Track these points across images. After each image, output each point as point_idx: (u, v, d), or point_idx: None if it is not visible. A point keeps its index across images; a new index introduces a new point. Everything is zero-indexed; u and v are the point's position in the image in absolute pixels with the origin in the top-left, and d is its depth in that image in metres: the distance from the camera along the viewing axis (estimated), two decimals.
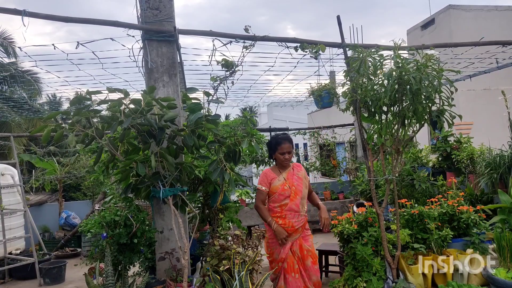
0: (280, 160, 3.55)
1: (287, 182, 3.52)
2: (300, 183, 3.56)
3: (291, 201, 3.47)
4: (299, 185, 3.55)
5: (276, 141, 3.56)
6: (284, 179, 3.54)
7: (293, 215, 3.46)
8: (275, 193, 3.50)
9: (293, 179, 3.55)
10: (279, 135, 3.65)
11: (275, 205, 3.51)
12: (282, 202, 3.48)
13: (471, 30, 9.52)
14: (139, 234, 3.44)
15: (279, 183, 3.51)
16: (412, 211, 4.29)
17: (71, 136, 2.86)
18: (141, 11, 3.67)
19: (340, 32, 4.32)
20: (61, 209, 7.86)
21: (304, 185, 3.59)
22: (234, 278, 3.40)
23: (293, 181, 3.54)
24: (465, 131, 7.69)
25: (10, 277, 5.78)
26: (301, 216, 3.50)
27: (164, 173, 3.23)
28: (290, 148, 3.53)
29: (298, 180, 3.57)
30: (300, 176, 3.61)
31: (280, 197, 3.49)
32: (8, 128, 14.69)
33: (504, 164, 5.36)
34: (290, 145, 3.54)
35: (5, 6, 4.00)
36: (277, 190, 3.49)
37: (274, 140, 3.58)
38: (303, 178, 3.62)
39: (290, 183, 3.52)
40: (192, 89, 3.65)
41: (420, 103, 3.47)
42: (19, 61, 15.07)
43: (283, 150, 3.50)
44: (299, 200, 3.49)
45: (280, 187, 3.50)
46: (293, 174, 3.58)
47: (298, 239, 3.51)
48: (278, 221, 3.44)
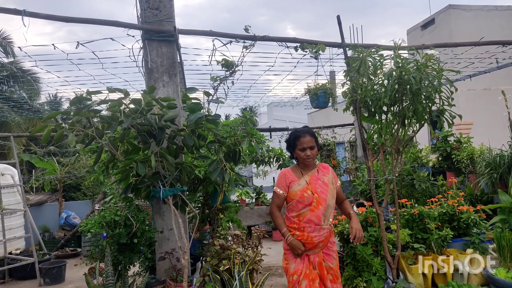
0: (301, 158, 3.00)
1: (309, 187, 2.93)
2: (325, 190, 2.96)
3: (312, 212, 2.89)
4: (323, 192, 2.95)
5: (294, 135, 3.03)
6: (306, 183, 2.95)
7: (313, 228, 2.89)
8: (293, 200, 2.95)
9: (316, 184, 2.95)
10: (298, 129, 3.13)
11: (292, 214, 2.97)
12: (301, 211, 2.93)
13: (471, 30, 9.53)
14: (139, 234, 3.45)
15: (299, 187, 2.95)
16: (412, 211, 4.29)
17: (71, 136, 2.86)
18: (141, 11, 3.68)
19: (340, 32, 4.32)
20: (61, 209, 7.86)
21: (331, 193, 2.99)
22: (234, 278, 3.40)
23: (317, 186, 2.94)
24: (465, 131, 7.70)
25: (10, 277, 5.78)
26: (323, 230, 2.92)
27: (164, 173, 3.23)
28: (312, 142, 2.97)
29: (323, 186, 2.96)
30: (325, 181, 3.00)
31: (298, 205, 2.94)
32: (8, 128, 14.69)
33: (504, 164, 5.36)
34: (312, 139, 2.98)
35: (5, 6, 3.99)
36: (296, 197, 2.94)
37: (293, 135, 3.06)
38: (330, 183, 3.01)
39: (312, 188, 2.93)
40: (192, 89, 3.65)
41: (420, 103, 3.47)
42: (18, 61, 15.09)
43: (303, 144, 2.95)
44: (321, 210, 2.90)
45: (299, 193, 2.93)
46: (317, 177, 3.00)
47: (318, 254, 2.97)
48: (295, 233, 2.91)
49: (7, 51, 15.25)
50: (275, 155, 5.76)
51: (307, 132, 3.01)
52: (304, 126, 3.19)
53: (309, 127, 3.23)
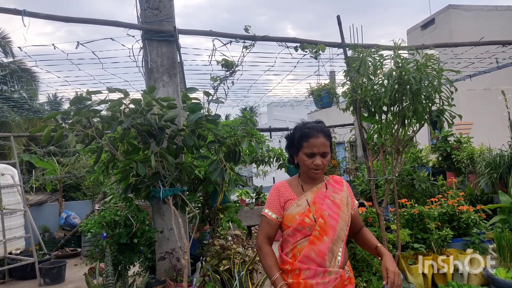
0: (306, 168, 2.02)
1: (312, 209, 1.99)
2: (335, 214, 2.00)
3: (311, 245, 1.94)
4: (332, 216, 1.99)
5: (302, 131, 2.03)
6: (308, 203, 2.01)
7: (313, 272, 1.92)
8: (289, 228, 2.00)
9: (323, 204, 2.01)
10: (308, 123, 2.08)
11: (286, 249, 2.03)
12: (297, 243, 1.98)
13: (471, 30, 9.54)
14: (139, 234, 3.45)
15: (297, 209, 2.00)
16: (412, 211, 4.30)
17: (71, 136, 2.86)
18: (141, 11, 3.68)
19: (340, 32, 4.32)
20: (61, 209, 7.87)
21: (343, 218, 2.02)
22: (234, 278, 3.40)
23: (323, 208, 2.00)
24: (465, 131, 7.71)
25: (10, 277, 5.78)
26: (329, 275, 1.93)
27: (164, 173, 3.23)
28: (325, 146, 1.99)
29: (333, 208, 2.01)
30: (337, 201, 2.04)
31: (295, 235, 1.99)
32: (8, 128, 14.69)
33: (504, 164, 5.36)
34: (326, 141, 2.00)
35: (5, 6, 4.00)
36: (293, 223, 1.99)
37: (299, 131, 2.05)
38: (343, 205, 2.05)
39: (317, 211, 1.99)
40: (192, 89, 3.65)
41: (420, 103, 3.47)
42: (18, 61, 15.10)
43: (312, 148, 1.97)
44: (327, 244, 1.95)
45: (298, 217, 1.99)
46: (324, 195, 2.04)
47: None
48: (287, 280, 1.94)
49: (6, 51, 15.27)
50: (275, 155, 5.75)
51: (321, 131, 2.01)
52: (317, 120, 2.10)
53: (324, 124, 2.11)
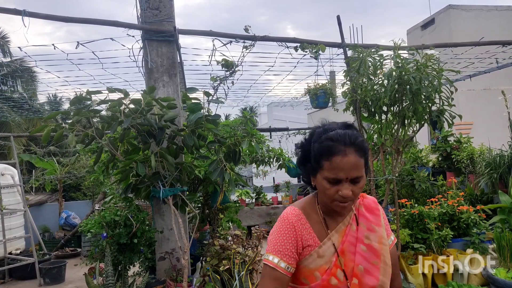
0: (329, 199, 1.34)
1: (340, 261, 1.36)
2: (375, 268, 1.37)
3: None
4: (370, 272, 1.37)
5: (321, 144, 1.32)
6: (336, 250, 1.37)
7: None
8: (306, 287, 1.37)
9: (355, 253, 1.38)
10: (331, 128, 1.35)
11: None
12: None
13: (471, 30, 9.52)
14: (139, 234, 3.45)
15: (319, 262, 1.36)
16: (412, 211, 4.29)
17: (71, 136, 2.86)
18: (141, 11, 3.68)
19: (340, 32, 4.32)
20: (61, 209, 7.87)
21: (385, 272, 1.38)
22: (234, 278, 3.40)
23: (356, 259, 1.37)
24: (465, 131, 7.70)
25: (10, 277, 5.78)
26: None
27: (164, 173, 3.23)
28: (358, 168, 1.29)
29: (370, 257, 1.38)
30: (374, 244, 1.40)
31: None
32: (8, 128, 14.68)
33: (504, 164, 5.36)
34: (359, 160, 1.29)
35: (5, 6, 4.00)
36: (310, 280, 1.36)
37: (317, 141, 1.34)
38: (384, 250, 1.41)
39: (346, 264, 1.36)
40: (192, 89, 3.65)
41: (420, 103, 3.47)
42: (16, 60, 15.10)
43: (337, 173, 1.28)
44: None
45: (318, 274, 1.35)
46: (356, 237, 1.40)
47: None
48: None
49: (4, 51, 15.29)
50: (275, 155, 5.75)
51: (351, 144, 1.29)
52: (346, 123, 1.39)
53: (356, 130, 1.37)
